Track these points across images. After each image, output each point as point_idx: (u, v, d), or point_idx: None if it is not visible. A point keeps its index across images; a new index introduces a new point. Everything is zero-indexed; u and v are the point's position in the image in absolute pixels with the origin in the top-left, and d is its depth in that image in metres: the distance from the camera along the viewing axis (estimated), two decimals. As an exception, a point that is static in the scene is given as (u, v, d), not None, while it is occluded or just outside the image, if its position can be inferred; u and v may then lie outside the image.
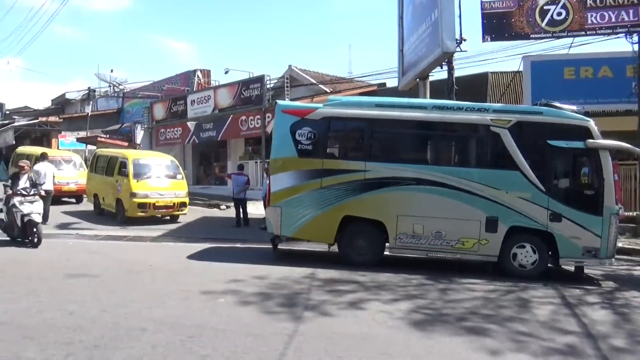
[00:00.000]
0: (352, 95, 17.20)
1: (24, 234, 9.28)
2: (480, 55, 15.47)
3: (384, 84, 18.78)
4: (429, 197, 8.02)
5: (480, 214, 7.89)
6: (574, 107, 8.29)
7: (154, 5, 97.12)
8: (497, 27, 13.08)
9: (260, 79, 18.58)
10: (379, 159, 8.32)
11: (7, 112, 43.04)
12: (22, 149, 20.29)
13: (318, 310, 5.65)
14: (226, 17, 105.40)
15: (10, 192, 9.36)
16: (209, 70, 27.06)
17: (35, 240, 9.13)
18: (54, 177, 13.00)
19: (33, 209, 9.21)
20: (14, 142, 29.50)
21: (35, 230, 9.15)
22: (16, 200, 9.19)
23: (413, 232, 8.04)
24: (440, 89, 13.24)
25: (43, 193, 9.95)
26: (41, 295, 5.94)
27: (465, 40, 11.81)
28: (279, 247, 9.21)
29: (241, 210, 13.08)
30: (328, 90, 19.65)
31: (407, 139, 8.87)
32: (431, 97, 12.99)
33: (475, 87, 15.03)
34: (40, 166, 12.76)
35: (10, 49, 62.52)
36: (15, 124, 32.22)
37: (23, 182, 9.49)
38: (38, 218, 9.26)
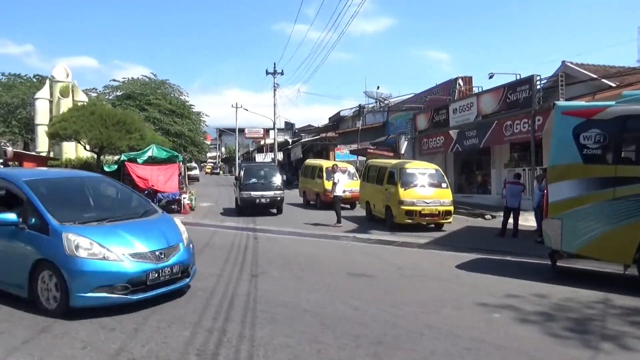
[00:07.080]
0: (650, 87, 14.22)
1: None
2: None
3: (698, 69, 14.95)
4: None
5: None
6: None
7: (414, 21, 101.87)
8: None
9: (528, 80, 17.16)
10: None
11: (296, 131, 51.76)
12: (308, 162, 24.09)
13: (619, 343, 4.78)
14: (486, 21, 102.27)
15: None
16: (471, 77, 26.38)
17: None
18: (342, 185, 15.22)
19: None
20: (301, 156, 35.13)
21: None
22: None
23: None
24: None
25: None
26: (331, 289, 6.75)
27: None
28: (558, 263, 8.27)
29: (512, 220, 12.44)
30: (613, 85, 16.77)
31: None
32: None
33: None
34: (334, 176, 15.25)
35: (300, 77, 75.47)
36: (302, 140, 38.35)
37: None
38: None
